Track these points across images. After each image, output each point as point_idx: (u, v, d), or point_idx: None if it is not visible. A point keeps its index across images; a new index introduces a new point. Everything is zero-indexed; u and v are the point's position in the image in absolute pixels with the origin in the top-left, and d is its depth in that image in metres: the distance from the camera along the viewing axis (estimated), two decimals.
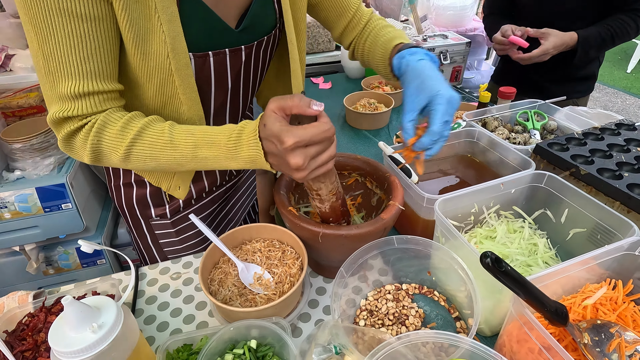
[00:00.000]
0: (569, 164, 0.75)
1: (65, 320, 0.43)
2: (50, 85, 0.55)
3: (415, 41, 1.58)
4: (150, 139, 0.58)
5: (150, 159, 0.59)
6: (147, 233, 0.88)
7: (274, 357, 0.56)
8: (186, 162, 0.59)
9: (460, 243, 0.62)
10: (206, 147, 0.57)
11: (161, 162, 0.59)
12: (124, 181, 0.82)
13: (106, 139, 0.58)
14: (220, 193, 0.90)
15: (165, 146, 0.58)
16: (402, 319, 0.67)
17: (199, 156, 0.58)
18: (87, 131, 0.58)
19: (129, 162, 0.60)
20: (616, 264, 0.62)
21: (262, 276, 0.65)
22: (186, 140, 0.57)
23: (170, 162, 0.59)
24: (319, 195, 0.64)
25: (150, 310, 0.75)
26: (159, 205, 0.83)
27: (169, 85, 0.62)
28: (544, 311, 0.49)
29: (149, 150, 0.58)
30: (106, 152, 0.59)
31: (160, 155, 0.59)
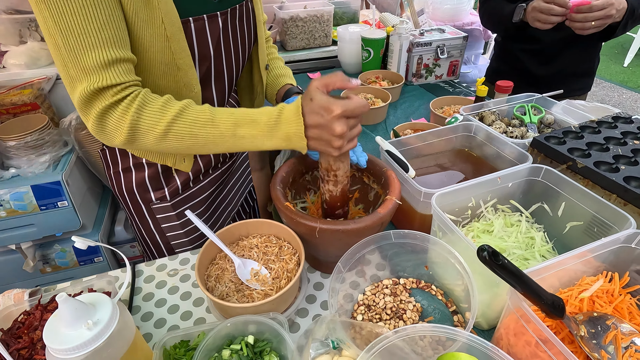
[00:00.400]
0: (566, 157, 0.75)
1: (60, 318, 0.43)
2: (73, 62, 0.56)
3: (412, 35, 1.57)
4: (192, 116, 0.61)
5: (188, 136, 0.61)
6: (149, 218, 0.89)
7: (271, 353, 0.56)
8: (223, 140, 0.62)
9: (458, 237, 0.62)
10: (246, 126, 0.61)
11: (199, 140, 0.61)
12: (123, 166, 0.83)
13: (147, 115, 0.60)
14: (216, 176, 0.92)
15: (206, 123, 0.61)
16: (399, 314, 0.67)
17: (237, 134, 0.61)
18: (127, 106, 0.59)
19: (165, 140, 0.61)
20: (613, 256, 0.62)
21: (259, 272, 0.65)
22: (227, 119, 0.61)
23: (208, 141, 0.62)
24: (336, 176, 0.67)
25: (148, 307, 0.75)
26: (158, 189, 0.85)
27: (166, 52, 0.65)
28: (541, 304, 0.49)
29: (189, 127, 0.61)
30: (144, 129, 0.60)
31: (199, 133, 0.61)
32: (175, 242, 0.94)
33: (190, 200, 0.88)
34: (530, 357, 0.53)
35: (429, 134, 0.95)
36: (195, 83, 0.71)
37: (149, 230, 0.91)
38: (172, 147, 0.62)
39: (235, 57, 0.80)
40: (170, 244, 0.93)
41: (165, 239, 0.92)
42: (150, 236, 0.93)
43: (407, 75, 1.63)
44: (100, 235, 1.64)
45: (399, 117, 1.40)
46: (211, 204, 0.94)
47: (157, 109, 0.60)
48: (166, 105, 0.61)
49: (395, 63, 1.58)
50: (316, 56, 1.92)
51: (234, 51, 0.79)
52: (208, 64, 0.74)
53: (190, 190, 0.88)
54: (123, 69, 0.59)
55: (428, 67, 1.61)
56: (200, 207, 0.91)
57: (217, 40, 0.73)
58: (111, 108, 0.59)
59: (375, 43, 1.58)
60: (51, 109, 1.64)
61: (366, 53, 1.62)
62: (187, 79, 0.69)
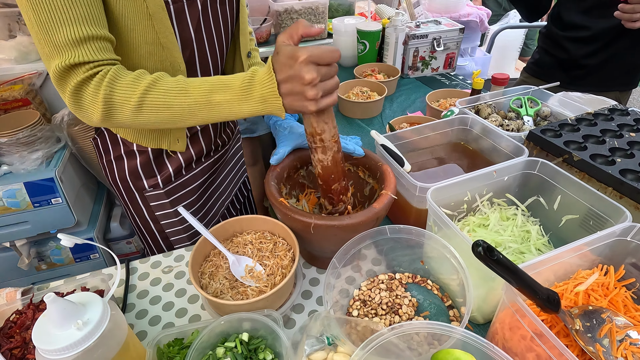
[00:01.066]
0: (562, 150, 0.75)
1: (49, 318, 0.42)
2: (45, 39, 0.56)
3: (408, 27, 1.55)
4: (164, 87, 0.60)
5: (163, 107, 0.60)
6: (143, 207, 0.89)
7: (266, 350, 0.56)
8: (199, 108, 0.60)
9: (453, 232, 0.62)
10: (220, 92, 0.59)
11: (174, 110, 0.60)
12: (114, 154, 0.84)
13: (119, 88, 0.59)
14: (208, 164, 0.92)
15: (179, 93, 0.59)
16: (395, 309, 0.67)
17: (212, 101, 0.60)
18: (99, 81, 0.58)
19: (141, 113, 0.60)
20: (608, 249, 0.62)
21: (253, 268, 0.64)
22: (200, 87, 0.60)
23: (184, 110, 0.60)
24: (322, 140, 0.65)
25: (142, 305, 0.75)
26: (151, 176, 0.85)
27: (149, 31, 0.65)
28: (536, 299, 0.49)
29: (162, 97, 0.59)
30: (118, 103, 0.59)
31: (174, 103, 0.60)
32: (173, 236, 0.94)
33: (183, 188, 0.88)
34: (526, 351, 0.53)
35: (425, 128, 0.94)
36: (180, 62, 0.71)
37: (144, 220, 0.91)
38: (149, 120, 0.61)
39: (218, 42, 0.80)
40: (166, 232, 0.93)
41: (160, 227, 0.92)
42: (146, 225, 0.93)
43: (403, 68, 1.62)
44: (95, 232, 1.63)
45: (395, 111, 1.39)
46: (204, 192, 0.94)
47: (130, 81, 0.59)
48: (139, 78, 0.59)
49: (391, 56, 1.57)
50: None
51: (217, 36, 0.78)
52: (191, 48, 0.74)
53: (183, 178, 0.88)
54: (97, 47, 0.58)
55: (424, 59, 1.60)
56: (193, 195, 0.91)
57: (198, 24, 0.73)
58: (84, 84, 0.58)
59: (371, 35, 1.56)
60: (43, 105, 1.62)
61: (362, 46, 1.60)
62: (173, 58, 0.69)
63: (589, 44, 1.29)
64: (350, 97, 1.35)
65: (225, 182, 1.01)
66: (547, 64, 1.43)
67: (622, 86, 1.37)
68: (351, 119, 1.35)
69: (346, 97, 1.35)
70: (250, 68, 0.60)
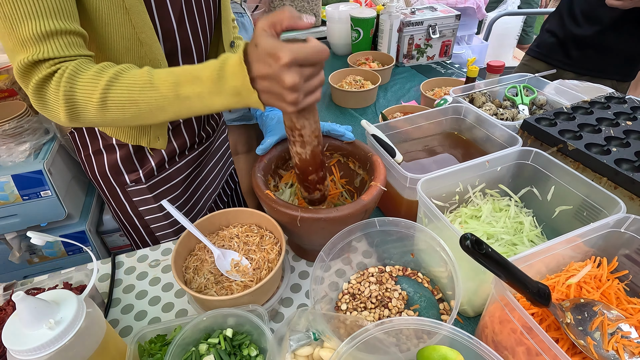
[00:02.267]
0: (557, 140, 0.73)
1: (19, 317, 0.41)
2: (9, 32, 0.52)
3: (403, 14, 1.52)
4: (128, 81, 0.54)
5: (129, 103, 0.54)
6: (125, 202, 0.86)
7: (251, 345, 0.55)
8: (168, 103, 0.55)
9: (443, 224, 0.60)
10: (188, 84, 0.53)
11: (141, 106, 0.55)
12: (93, 149, 0.80)
13: (79, 84, 0.54)
14: (193, 157, 0.89)
15: (144, 87, 0.54)
16: (384, 302, 0.66)
17: (181, 95, 0.54)
18: (58, 79, 0.53)
19: (107, 110, 0.55)
20: (602, 241, 0.61)
21: (239, 263, 0.63)
22: (166, 79, 0.54)
23: (152, 106, 0.55)
24: (301, 135, 0.60)
25: (128, 299, 0.73)
26: (132, 171, 0.82)
27: (126, 26, 0.61)
28: (526, 292, 0.48)
29: (127, 92, 0.54)
30: (81, 101, 0.54)
31: (139, 99, 0.54)
32: (159, 231, 0.92)
33: (166, 183, 0.86)
34: (516, 345, 0.52)
35: (418, 117, 0.92)
36: (161, 59, 0.67)
37: (127, 215, 0.89)
38: (116, 118, 0.56)
39: (202, 32, 0.76)
40: (151, 228, 0.91)
41: (145, 222, 0.90)
42: (129, 221, 0.90)
43: (397, 57, 1.59)
44: (87, 225, 1.61)
45: (389, 100, 1.37)
46: (189, 186, 0.92)
47: (91, 77, 0.54)
48: (100, 72, 0.54)
49: (386, 44, 1.54)
50: (305, 37, 1.85)
51: (201, 26, 0.75)
52: (173, 41, 0.70)
53: (166, 172, 0.85)
54: (65, 42, 0.54)
55: (419, 47, 1.57)
56: (177, 189, 0.88)
57: (180, 15, 0.69)
58: (46, 81, 0.54)
59: (365, 23, 1.52)
60: None
61: (355, 33, 1.56)
62: (153, 54, 0.65)
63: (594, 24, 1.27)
64: (343, 87, 1.32)
65: (212, 175, 0.99)
66: (549, 44, 1.41)
67: (620, 75, 1.35)
68: (344, 108, 1.33)
69: (339, 86, 1.32)
70: (221, 55, 0.54)
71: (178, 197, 0.89)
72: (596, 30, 1.26)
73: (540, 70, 1.09)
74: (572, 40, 1.32)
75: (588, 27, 1.29)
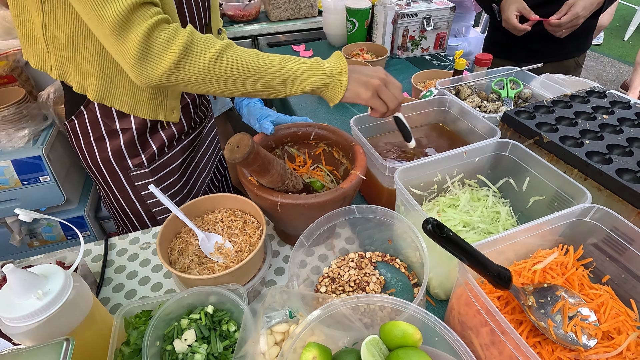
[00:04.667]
0: (533, 132, 0.75)
1: (10, 288, 0.44)
2: None
3: (398, 5, 1.52)
4: (240, 48, 0.63)
5: (240, 64, 0.62)
6: (128, 187, 0.89)
7: (230, 321, 0.58)
8: (271, 72, 0.64)
9: (418, 212, 0.63)
10: (293, 62, 0.66)
11: (249, 68, 0.62)
12: (95, 136, 0.82)
13: (198, 40, 0.60)
14: (187, 142, 0.93)
15: (255, 55, 0.63)
16: (362, 286, 0.69)
17: (284, 67, 0.64)
18: (175, 29, 0.58)
19: (216, 66, 0.61)
20: (569, 230, 0.63)
21: (222, 245, 0.66)
22: (274, 56, 0.65)
23: (257, 69, 0.63)
24: None
25: (119, 279, 0.77)
26: (135, 155, 0.85)
27: None
28: (487, 275, 0.51)
29: (240, 55, 0.62)
30: (195, 53, 0.59)
31: (250, 61, 0.62)
32: (160, 215, 0.95)
33: (165, 167, 0.89)
34: (480, 326, 0.55)
35: (404, 108, 0.94)
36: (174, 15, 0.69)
37: (129, 200, 0.92)
38: (219, 76, 0.61)
39: (198, 17, 0.79)
40: (153, 212, 0.94)
41: (147, 206, 0.93)
42: (131, 206, 0.93)
43: (392, 48, 1.60)
44: (86, 210, 1.65)
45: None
46: (185, 171, 0.95)
47: (205, 37, 0.61)
48: (212, 37, 0.62)
49: (380, 35, 1.54)
50: (301, 27, 1.86)
51: (196, 11, 0.78)
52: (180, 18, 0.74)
53: (165, 156, 0.89)
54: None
55: (414, 39, 1.57)
56: (175, 173, 0.92)
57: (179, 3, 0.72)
58: (157, 28, 0.57)
59: (360, 13, 1.53)
60: (29, 82, 1.61)
61: (350, 24, 1.57)
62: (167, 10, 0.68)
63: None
64: None
65: (204, 161, 1.03)
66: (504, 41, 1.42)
67: (578, 52, 1.38)
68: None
69: None
70: None
71: (177, 181, 0.93)
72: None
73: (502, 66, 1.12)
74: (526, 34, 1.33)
75: None
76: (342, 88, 0.67)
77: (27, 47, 0.72)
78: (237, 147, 0.58)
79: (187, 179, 0.97)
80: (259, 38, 1.83)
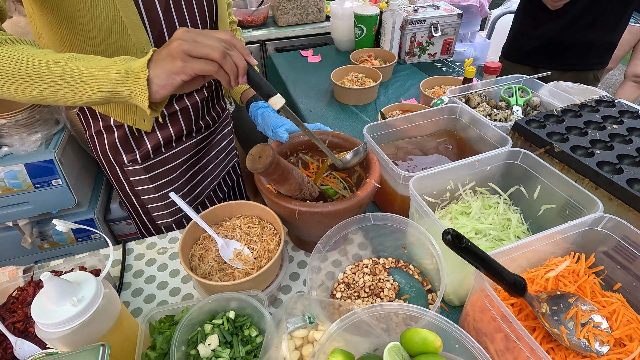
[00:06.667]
0: (544, 142, 0.77)
1: (46, 295, 0.46)
2: None
3: (406, 12, 1.54)
4: (21, 46, 0.53)
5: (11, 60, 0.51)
6: (124, 181, 0.93)
7: (251, 327, 0.60)
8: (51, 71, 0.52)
9: (432, 220, 0.65)
10: (85, 60, 0.53)
11: (21, 66, 0.51)
12: (95, 129, 0.87)
13: None
14: (192, 144, 0.94)
15: (35, 54, 0.52)
16: (377, 292, 0.71)
17: (70, 64, 0.52)
18: None
19: None
20: (580, 238, 0.65)
21: (241, 252, 0.68)
22: (65, 54, 0.54)
23: (34, 67, 0.52)
24: None
25: (138, 284, 0.78)
26: (129, 152, 0.88)
27: (111, 9, 0.65)
28: (503, 284, 0.52)
29: (16, 52, 0.51)
30: None
31: (25, 58, 0.51)
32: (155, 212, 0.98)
33: (162, 166, 0.91)
34: (494, 332, 0.57)
35: (415, 116, 0.96)
36: (145, 44, 0.71)
37: (126, 194, 0.96)
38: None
39: (191, 21, 0.79)
40: (147, 208, 0.97)
41: (142, 202, 0.96)
42: (129, 200, 0.97)
43: (400, 54, 1.61)
44: (96, 213, 1.67)
45: (389, 97, 1.40)
46: (186, 171, 0.97)
47: None
48: None
49: (388, 41, 1.56)
50: (308, 32, 1.88)
51: (190, 18, 0.78)
52: (159, 29, 0.74)
53: (162, 155, 0.90)
54: None
55: (421, 45, 1.59)
56: (173, 173, 0.94)
57: (167, 4, 0.72)
58: None
59: (368, 20, 1.55)
60: None
61: (359, 30, 1.59)
62: (137, 38, 0.69)
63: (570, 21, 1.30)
64: (345, 83, 1.36)
65: (213, 164, 1.04)
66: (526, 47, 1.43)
67: (601, 64, 1.39)
68: (345, 105, 1.36)
69: (341, 83, 1.36)
70: None
71: (174, 181, 0.95)
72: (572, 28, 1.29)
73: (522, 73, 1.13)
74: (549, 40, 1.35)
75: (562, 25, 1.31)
76: (142, 86, 0.53)
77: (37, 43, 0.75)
78: (258, 158, 0.60)
79: (187, 180, 0.98)
80: (266, 43, 1.84)
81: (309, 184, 0.71)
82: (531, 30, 1.41)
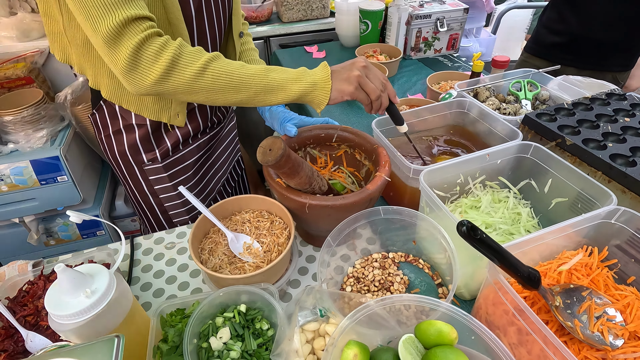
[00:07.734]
0: (556, 135, 0.76)
1: (60, 287, 0.45)
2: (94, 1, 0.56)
3: (411, 7, 1.53)
4: (226, 61, 0.66)
5: (224, 75, 0.64)
6: (142, 180, 0.92)
7: (262, 320, 0.59)
8: (255, 82, 0.66)
9: (444, 213, 0.64)
10: (278, 72, 0.68)
11: (233, 79, 0.65)
12: (113, 129, 0.86)
13: (186, 52, 0.63)
14: (204, 141, 0.96)
15: (240, 67, 0.66)
16: (387, 286, 0.70)
17: (268, 77, 0.67)
18: (165, 41, 0.61)
19: (202, 76, 0.63)
20: (593, 231, 0.64)
21: (251, 245, 0.67)
22: (259, 67, 0.68)
23: (241, 80, 0.65)
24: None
25: (146, 278, 0.78)
26: (149, 150, 0.88)
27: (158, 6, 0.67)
28: (517, 276, 0.52)
29: (226, 66, 0.65)
30: (183, 64, 0.62)
31: (234, 72, 0.65)
32: (172, 210, 0.98)
33: (180, 163, 0.92)
34: (507, 325, 0.57)
35: (423, 110, 0.95)
36: (186, 39, 0.73)
37: (144, 194, 0.95)
38: (204, 86, 0.64)
39: (217, 22, 0.81)
40: (165, 206, 0.96)
41: (159, 201, 0.95)
42: (145, 200, 0.96)
43: (405, 49, 1.60)
44: (100, 210, 1.67)
45: (395, 93, 1.39)
46: (200, 168, 0.98)
47: (194, 50, 0.64)
48: (201, 50, 0.65)
49: (394, 36, 1.55)
50: (313, 28, 1.87)
51: (216, 16, 0.80)
52: (190, 25, 0.75)
53: (180, 153, 0.91)
54: (143, 5, 0.60)
55: (427, 40, 1.58)
56: (189, 170, 0.94)
57: (199, 2, 0.74)
58: (147, 41, 0.60)
59: (373, 15, 1.54)
60: (46, 83, 1.63)
61: (364, 26, 1.58)
62: (179, 34, 0.72)
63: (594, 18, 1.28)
64: None
65: (221, 160, 1.05)
66: (548, 41, 1.42)
67: (621, 67, 1.37)
68: (352, 101, 1.35)
69: None
70: None
71: (190, 178, 0.95)
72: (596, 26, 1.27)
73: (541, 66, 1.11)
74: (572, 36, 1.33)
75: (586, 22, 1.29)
76: (326, 94, 0.68)
77: (53, 42, 0.76)
78: (269, 150, 0.59)
79: (201, 176, 0.99)
80: (271, 39, 1.84)
81: (318, 178, 0.71)
82: (555, 24, 1.40)
